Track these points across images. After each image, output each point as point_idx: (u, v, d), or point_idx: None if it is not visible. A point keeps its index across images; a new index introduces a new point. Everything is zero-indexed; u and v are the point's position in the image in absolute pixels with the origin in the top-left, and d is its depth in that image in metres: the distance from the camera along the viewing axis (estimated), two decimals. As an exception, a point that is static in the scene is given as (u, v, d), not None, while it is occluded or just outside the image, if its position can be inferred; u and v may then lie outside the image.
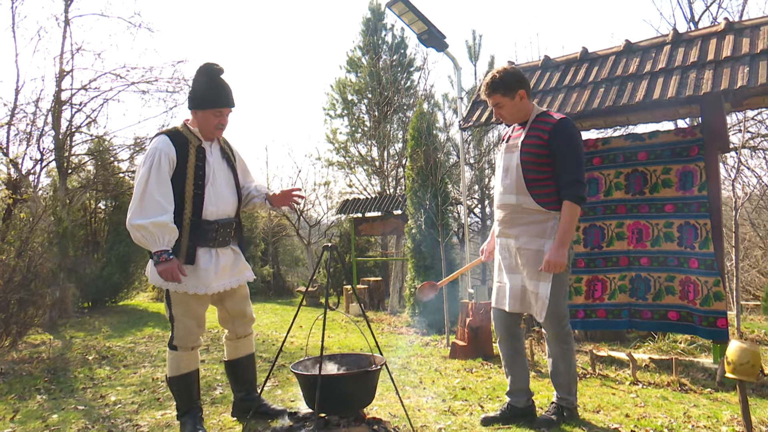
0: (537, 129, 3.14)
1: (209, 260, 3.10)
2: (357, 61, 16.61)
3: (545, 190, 3.11)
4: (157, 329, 7.93)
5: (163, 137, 3.05)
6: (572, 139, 3.08)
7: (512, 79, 3.16)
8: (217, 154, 3.24)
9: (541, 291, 3.12)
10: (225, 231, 3.17)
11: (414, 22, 5.39)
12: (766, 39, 4.37)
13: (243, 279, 3.35)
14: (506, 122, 3.33)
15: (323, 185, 16.41)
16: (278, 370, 5.11)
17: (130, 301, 11.69)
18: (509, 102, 3.19)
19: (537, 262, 3.12)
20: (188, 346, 3.13)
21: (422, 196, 7.96)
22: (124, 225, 10.94)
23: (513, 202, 3.18)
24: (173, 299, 3.08)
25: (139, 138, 10.73)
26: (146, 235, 2.87)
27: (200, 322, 3.17)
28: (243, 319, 3.41)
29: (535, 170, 3.10)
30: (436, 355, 5.64)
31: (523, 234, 3.17)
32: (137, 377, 4.90)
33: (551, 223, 3.11)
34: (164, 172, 2.94)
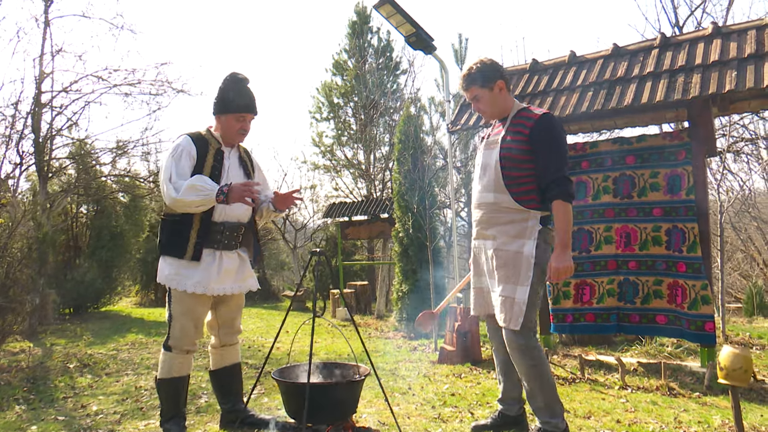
0: (518, 125, 2.97)
1: (212, 261, 3.09)
2: (343, 64, 16.54)
3: (524, 188, 2.92)
4: (141, 336, 7.79)
5: (185, 137, 3.12)
6: (556, 135, 2.91)
7: (489, 70, 3.02)
8: (235, 160, 3.26)
9: (518, 296, 2.86)
10: (231, 234, 3.15)
11: (402, 24, 5.35)
12: (753, 43, 4.39)
13: (246, 287, 3.30)
14: (485, 117, 3.17)
15: (309, 189, 16.33)
16: (264, 376, 5.02)
17: (112, 307, 11.49)
18: (488, 94, 3.04)
19: (515, 264, 2.89)
20: (183, 348, 3.09)
21: (409, 199, 7.91)
22: (106, 229, 10.64)
23: (491, 201, 2.99)
24: (174, 298, 3.08)
25: (121, 141, 10.59)
26: (196, 196, 2.87)
27: (198, 324, 3.13)
28: (230, 328, 3.36)
29: (515, 167, 2.92)
30: (424, 360, 5.59)
31: (500, 235, 2.96)
32: (120, 386, 4.79)
33: (531, 222, 2.91)
34: (184, 166, 3.01)
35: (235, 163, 3.24)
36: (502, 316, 2.92)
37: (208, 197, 2.90)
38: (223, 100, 3.14)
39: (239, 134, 3.20)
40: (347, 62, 16.50)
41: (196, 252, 3.03)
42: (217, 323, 3.32)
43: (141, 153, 10.98)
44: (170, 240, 3.08)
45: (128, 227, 11.28)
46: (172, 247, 3.07)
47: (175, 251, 3.05)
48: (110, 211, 11.02)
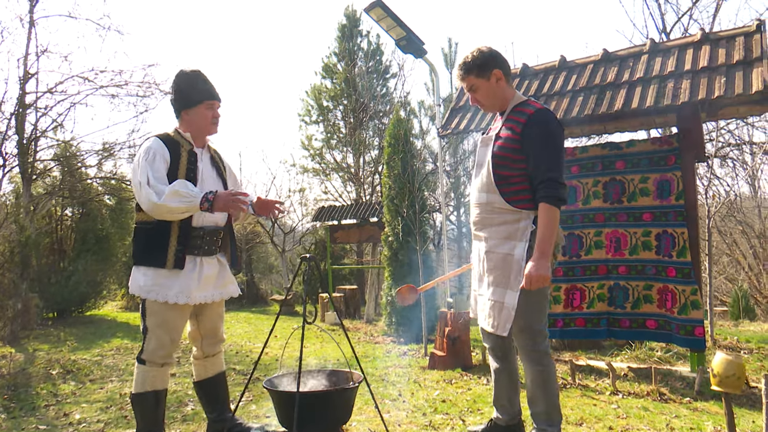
0: (512, 120, 2.80)
1: (193, 268, 2.98)
2: (332, 68, 16.51)
3: (515, 188, 2.77)
4: (126, 340, 7.68)
5: (154, 138, 2.97)
6: (549, 133, 2.71)
7: (486, 59, 2.84)
8: (207, 161, 3.16)
9: (507, 300, 2.73)
10: (211, 239, 3.06)
11: (392, 27, 5.32)
12: (741, 50, 4.41)
13: (227, 293, 3.21)
14: (484, 109, 3.01)
15: (298, 192, 16.26)
16: (252, 383, 4.95)
17: (97, 311, 11.35)
18: (485, 84, 2.85)
19: (504, 266, 2.76)
20: (158, 361, 2.95)
21: (399, 203, 7.88)
22: (91, 233, 10.46)
23: (483, 201, 2.87)
24: (149, 309, 2.93)
25: (107, 143, 10.47)
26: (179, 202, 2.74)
27: (175, 336, 2.99)
28: (213, 338, 3.25)
29: (506, 166, 2.77)
30: (414, 366, 5.55)
31: (492, 236, 2.84)
32: (104, 393, 4.70)
33: (523, 223, 2.76)
34: (160, 168, 2.86)
35: (208, 165, 3.14)
36: (491, 321, 2.82)
37: (192, 204, 2.77)
38: (188, 93, 3.02)
39: (213, 124, 3.09)
40: (337, 65, 16.48)
41: (178, 260, 2.90)
42: (200, 334, 3.21)
43: (128, 155, 10.83)
44: (147, 249, 2.91)
45: (114, 230, 11.15)
46: (149, 257, 2.90)
47: (153, 261, 2.90)
48: (96, 213, 10.88)
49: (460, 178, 13.09)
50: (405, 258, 8.06)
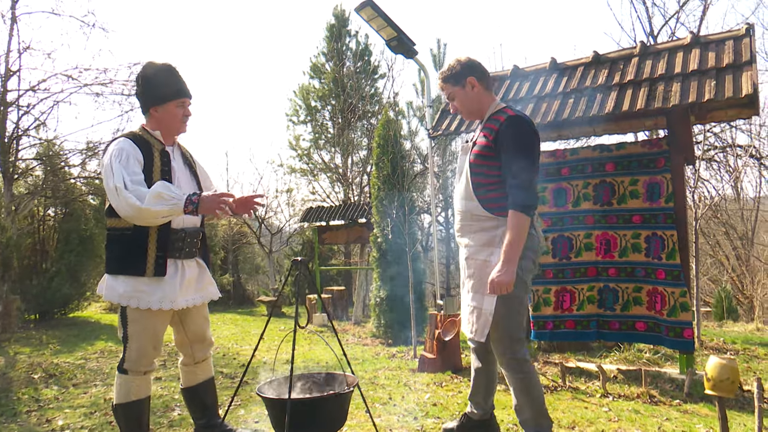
0: (488, 128, 2.86)
1: (174, 273, 2.87)
2: (321, 67, 16.44)
3: (492, 195, 2.81)
4: (110, 343, 7.56)
5: (124, 139, 2.81)
6: (520, 139, 2.74)
7: (462, 67, 2.94)
8: (179, 159, 3.05)
9: (485, 307, 2.76)
10: (192, 241, 2.96)
11: (383, 28, 5.28)
12: (731, 53, 4.43)
13: (208, 296, 3.12)
14: (463, 116, 3.09)
15: (285, 192, 16.16)
16: (240, 388, 4.88)
17: (81, 313, 11.16)
18: (460, 92, 2.96)
19: (483, 273, 2.80)
20: (140, 370, 2.85)
21: (388, 204, 7.84)
22: (75, 233, 10.30)
23: (463, 208, 2.93)
24: (130, 316, 2.81)
25: (92, 142, 10.31)
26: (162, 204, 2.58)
27: (157, 343, 2.90)
28: (202, 343, 3.17)
29: (482, 173, 2.82)
30: (404, 368, 5.51)
31: (472, 243, 2.89)
32: (88, 398, 4.61)
33: (500, 230, 2.78)
34: (136, 171, 2.70)
35: (181, 164, 3.02)
36: (470, 326, 2.86)
37: (176, 207, 2.61)
38: (157, 89, 2.86)
39: (183, 122, 2.96)
40: (325, 65, 16.41)
41: (159, 266, 2.77)
42: (188, 339, 3.11)
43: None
44: (124, 257, 2.76)
45: (98, 231, 10.97)
46: (126, 265, 2.75)
47: (131, 269, 2.74)
48: (79, 213, 10.70)
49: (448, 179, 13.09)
50: (394, 259, 8.02)
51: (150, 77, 2.88)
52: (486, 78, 2.98)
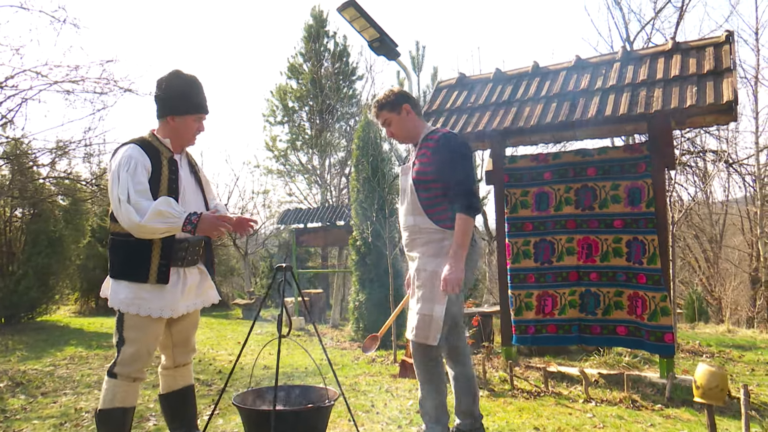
0: (424, 147, 3.14)
1: (176, 281, 2.82)
2: (298, 68, 16.30)
3: (439, 208, 3.04)
4: (80, 348, 7.33)
5: (133, 146, 2.76)
6: (456, 151, 3.03)
7: (397, 96, 3.23)
8: (186, 167, 3.00)
9: (435, 313, 2.98)
10: (194, 250, 2.91)
11: (365, 28, 5.21)
12: (711, 59, 4.47)
13: (208, 300, 3.07)
14: (399, 140, 3.33)
15: (262, 194, 15.98)
16: (218, 395, 4.76)
17: (49, 317, 10.85)
18: (396, 117, 3.20)
19: (433, 282, 3.00)
20: (132, 375, 2.77)
21: (368, 207, 7.77)
22: (43, 234, 9.94)
23: (411, 224, 3.13)
24: (128, 322, 2.75)
25: (62, 141, 10.02)
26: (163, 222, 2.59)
27: (152, 349, 2.84)
28: (185, 347, 3.08)
29: (426, 189, 3.06)
30: (384, 374, 5.44)
31: (422, 255, 3.09)
32: (57, 407, 4.43)
33: (447, 242, 3.02)
34: (142, 181, 2.67)
35: (188, 174, 2.99)
36: (420, 332, 3.00)
37: (174, 225, 2.62)
38: (181, 99, 2.85)
39: (195, 136, 2.96)
40: (303, 66, 16.28)
41: (162, 274, 2.73)
42: (171, 342, 3.03)
43: (83, 154, 10.41)
44: (127, 263, 2.75)
45: (68, 232, 10.69)
46: (129, 271, 2.73)
47: (134, 275, 2.72)
48: (48, 214, 10.39)
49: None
50: (373, 263, 7.96)
51: (175, 86, 2.87)
52: (418, 106, 3.30)
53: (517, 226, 5.34)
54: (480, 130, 5.07)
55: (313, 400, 2.97)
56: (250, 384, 3.34)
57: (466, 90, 5.65)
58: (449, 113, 5.47)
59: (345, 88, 15.79)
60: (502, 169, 5.41)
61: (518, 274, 5.30)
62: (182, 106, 2.86)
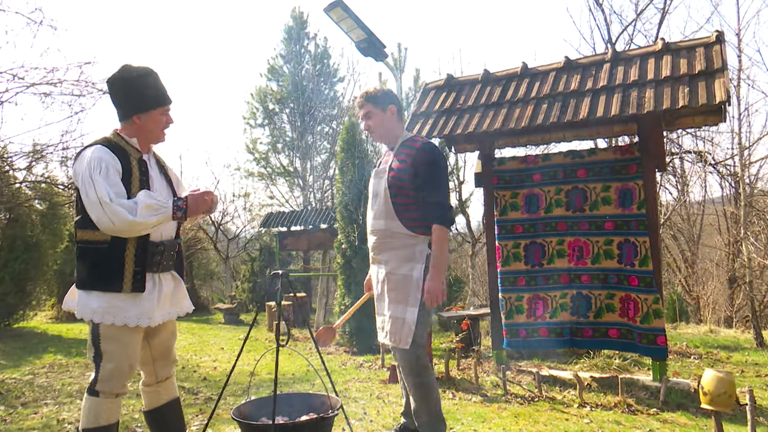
0: (402, 153, 3.15)
1: (152, 288, 2.67)
2: (278, 69, 16.14)
3: (413, 215, 3.07)
4: (59, 356, 7.12)
5: (100, 147, 2.59)
6: (435, 163, 3.08)
7: (385, 94, 3.26)
8: (155, 167, 2.85)
9: (408, 317, 3.01)
10: (169, 254, 2.77)
11: (353, 29, 5.12)
12: (703, 60, 4.47)
13: (182, 309, 2.92)
14: (374, 135, 3.30)
15: (243, 197, 15.77)
16: (205, 403, 4.63)
17: (26, 324, 10.55)
18: (380, 113, 3.22)
19: (405, 286, 3.05)
20: (114, 391, 2.61)
21: (353, 209, 7.68)
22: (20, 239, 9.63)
23: (382, 228, 3.14)
24: (104, 334, 2.58)
25: (39, 144, 9.75)
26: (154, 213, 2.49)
27: (133, 362, 2.67)
28: (166, 360, 2.93)
29: (401, 194, 3.08)
30: (374, 380, 5.35)
31: (392, 259, 3.11)
32: (38, 419, 4.26)
33: (419, 247, 3.08)
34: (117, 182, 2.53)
35: (157, 172, 2.84)
36: (392, 336, 3.05)
37: (165, 215, 2.51)
38: (141, 95, 2.68)
39: (163, 131, 2.80)
40: (283, 67, 16.12)
41: (137, 282, 2.58)
42: (151, 356, 2.87)
43: (60, 158, 10.13)
44: (98, 272, 2.56)
45: (45, 237, 10.39)
46: (101, 281, 2.55)
47: (106, 285, 2.55)
48: (25, 219, 10.09)
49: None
50: (359, 266, 7.86)
51: (131, 82, 2.69)
52: (401, 111, 3.33)
53: (506, 228, 5.30)
54: (470, 131, 5.01)
55: (316, 408, 2.87)
56: (249, 394, 3.22)
57: (455, 91, 5.60)
58: (438, 115, 5.40)
59: (326, 90, 15.68)
60: (491, 171, 5.37)
61: (508, 277, 5.26)
62: (144, 102, 2.69)
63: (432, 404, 3.05)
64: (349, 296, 7.88)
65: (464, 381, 4.96)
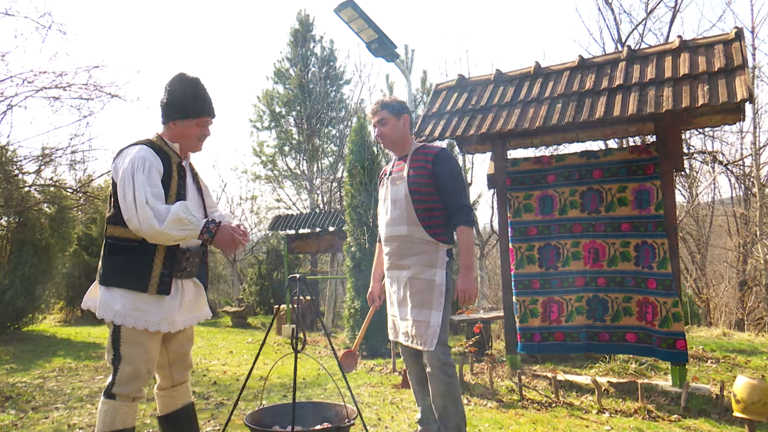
0: (419, 161, 3.23)
1: (175, 293, 2.65)
2: (285, 73, 16.11)
3: (434, 221, 3.15)
4: (69, 359, 7.08)
5: (146, 148, 2.60)
6: (455, 167, 3.20)
7: (400, 104, 3.34)
8: (190, 177, 2.83)
9: (432, 320, 3.07)
10: (194, 261, 2.75)
11: (363, 29, 5.06)
12: (722, 57, 4.38)
13: (202, 316, 2.90)
14: (386, 142, 3.35)
15: (250, 200, 15.74)
16: (216, 408, 4.57)
17: (35, 327, 10.53)
18: (394, 121, 3.28)
19: (429, 290, 3.12)
20: (131, 395, 2.57)
21: (363, 212, 7.62)
22: (29, 243, 9.61)
23: (404, 233, 3.19)
24: (125, 337, 2.55)
25: (47, 148, 9.76)
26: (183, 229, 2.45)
27: (152, 366, 2.65)
28: (183, 364, 2.89)
29: (423, 200, 3.15)
30: (386, 384, 5.27)
31: (415, 264, 3.17)
32: (50, 423, 4.21)
33: (440, 253, 3.15)
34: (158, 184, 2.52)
35: (191, 182, 2.84)
36: (418, 339, 3.09)
37: (192, 234, 2.48)
38: (182, 103, 2.71)
39: (199, 141, 2.80)
40: (289, 70, 16.09)
41: (163, 284, 2.55)
42: (168, 360, 2.84)
43: (69, 161, 10.14)
44: (125, 269, 2.56)
45: (54, 240, 10.39)
46: (128, 278, 2.55)
47: (133, 283, 2.54)
48: (34, 223, 10.09)
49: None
50: (368, 268, 7.78)
51: (180, 89, 2.73)
52: (412, 122, 3.43)
53: (520, 230, 5.22)
54: (484, 132, 4.93)
55: (331, 418, 2.80)
56: (261, 402, 3.16)
57: (466, 92, 5.52)
58: (450, 115, 5.33)
59: (333, 92, 15.63)
60: (504, 173, 5.29)
61: (522, 279, 5.17)
62: (182, 110, 2.72)
63: (460, 404, 3.08)
64: (358, 299, 7.81)
65: (479, 386, 4.88)
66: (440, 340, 3.05)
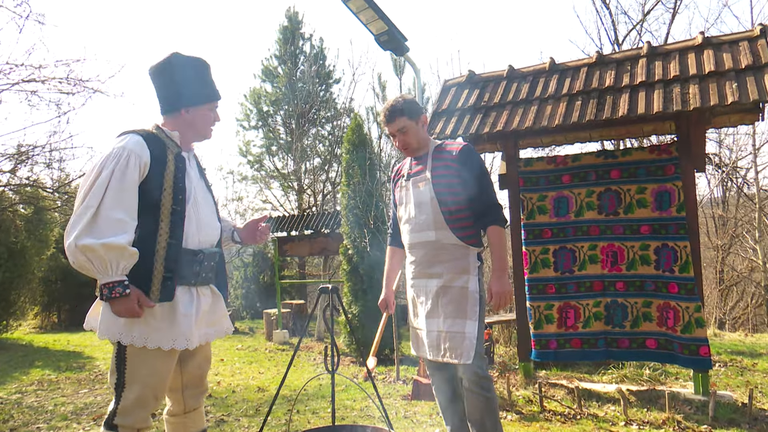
0: (441, 159, 3.00)
1: (190, 303, 2.31)
2: (273, 71, 15.76)
3: (463, 223, 2.94)
4: (48, 371, 6.68)
5: (134, 136, 2.26)
6: (481, 164, 3.02)
7: (415, 104, 3.07)
8: (195, 168, 2.51)
9: (468, 330, 2.87)
10: (209, 265, 2.40)
11: (372, 21, 4.80)
12: (749, 54, 4.21)
13: (221, 330, 2.54)
14: (410, 150, 3.08)
15: (236, 200, 15.35)
16: (217, 426, 4.26)
17: (10, 335, 10.04)
18: (413, 126, 3.02)
19: (462, 299, 2.90)
20: (135, 426, 2.23)
21: (361, 214, 7.34)
22: (3, 246, 9.14)
23: (432, 239, 2.96)
24: (132, 358, 2.21)
25: (23, 146, 9.29)
26: (95, 260, 2.07)
27: (160, 392, 2.30)
28: (198, 388, 2.56)
29: (451, 201, 2.93)
30: (394, 395, 5.00)
31: (447, 271, 2.95)
32: (33, 445, 3.87)
33: (471, 258, 2.95)
34: (130, 180, 2.17)
35: (197, 174, 2.51)
36: (453, 351, 2.86)
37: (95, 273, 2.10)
38: (194, 87, 2.41)
39: (211, 128, 2.52)
40: (277, 68, 15.76)
41: (167, 289, 2.22)
42: (182, 383, 2.50)
43: (47, 160, 9.68)
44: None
45: (30, 243, 9.91)
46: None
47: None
48: (9, 225, 9.61)
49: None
50: (366, 272, 7.52)
51: (183, 72, 2.41)
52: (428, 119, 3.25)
53: (534, 233, 5.00)
54: (499, 130, 4.71)
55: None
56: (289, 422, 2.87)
57: (478, 88, 5.29)
58: (461, 113, 5.10)
59: (322, 91, 15.34)
60: (516, 173, 5.07)
61: (537, 284, 4.96)
62: (197, 95, 2.42)
63: (498, 421, 2.92)
64: (357, 304, 7.54)
65: (493, 396, 4.64)
66: (477, 352, 2.84)
